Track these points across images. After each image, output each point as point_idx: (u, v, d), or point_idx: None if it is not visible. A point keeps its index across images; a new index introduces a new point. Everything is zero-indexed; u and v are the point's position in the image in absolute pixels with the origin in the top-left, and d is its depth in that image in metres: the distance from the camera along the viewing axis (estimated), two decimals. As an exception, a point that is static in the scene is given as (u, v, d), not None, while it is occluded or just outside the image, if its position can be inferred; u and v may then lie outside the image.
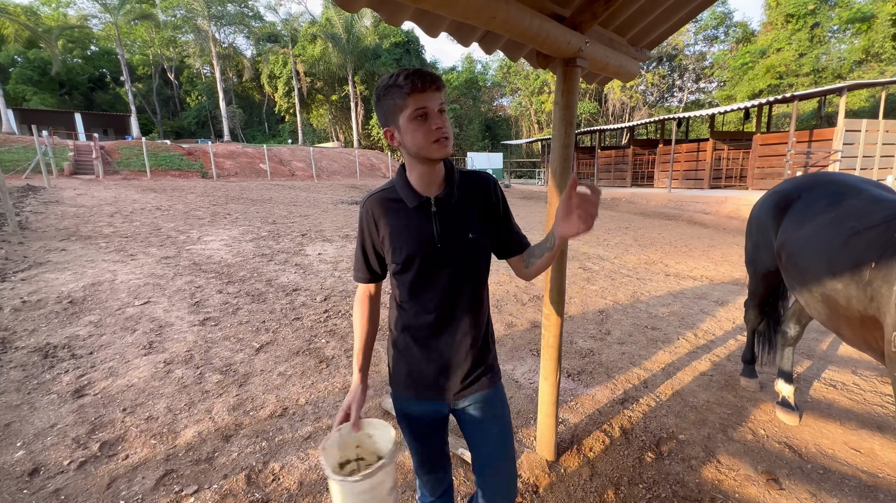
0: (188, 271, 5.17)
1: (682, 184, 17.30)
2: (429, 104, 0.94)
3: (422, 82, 0.93)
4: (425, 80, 0.93)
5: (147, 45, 36.77)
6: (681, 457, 2.12)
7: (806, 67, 20.97)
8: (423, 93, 0.93)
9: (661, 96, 35.08)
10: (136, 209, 9.35)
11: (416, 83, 0.93)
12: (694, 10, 1.93)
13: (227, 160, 21.26)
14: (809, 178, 2.22)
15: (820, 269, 1.76)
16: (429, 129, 0.95)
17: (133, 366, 2.96)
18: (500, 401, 1.19)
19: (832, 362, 3.15)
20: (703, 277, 5.50)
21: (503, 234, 1.15)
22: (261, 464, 2.05)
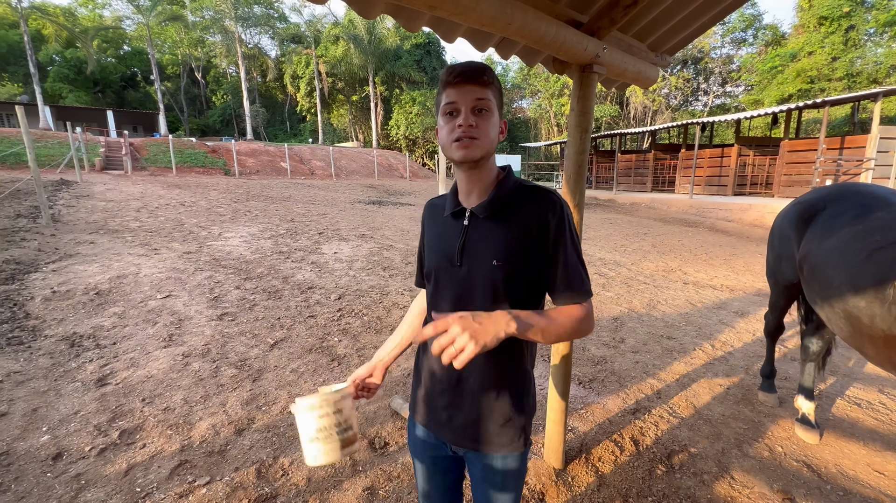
0: (208, 266, 5.31)
1: (705, 190, 16.90)
2: (459, 99, 0.84)
3: (449, 74, 0.84)
4: (457, 73, 0.84)
5: (176, 46, 37.95)
6: (693, 471, 2.07)
7: (839, 72, 20.22)
8: (456, 86, 0.84)
9: (684, 100, 34.33)
10: (161, 205, 9.65)
11: (448, 75, 0.84)
12: (718, 15, 1.90)
13: (250, 158, 21.73)
14: (836, 189, 2.15)
15: (842, 284, 1.70)
16: (453, 126, 0.85)
17: (153, 358, 3.06)
18: (507, 466, 0.97)
19: (857, 379, 3.03)
20: (723, 287, 5.36)
21: (544, 274, 0.90)
22: (271, 458, 2.09)
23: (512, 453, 0.97)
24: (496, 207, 0.91)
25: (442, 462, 1.05)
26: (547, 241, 0.88)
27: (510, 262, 0.88)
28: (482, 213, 0.91)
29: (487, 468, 0.98)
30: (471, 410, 0.95)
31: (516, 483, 1.01)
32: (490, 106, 0.85)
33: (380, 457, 2.13)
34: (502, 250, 0.88)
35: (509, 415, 0.94)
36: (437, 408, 1.00)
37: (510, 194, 0.92)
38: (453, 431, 0.98)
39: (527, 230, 0.88)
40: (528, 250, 0.88)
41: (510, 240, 0.88)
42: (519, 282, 0.89)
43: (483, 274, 0.89)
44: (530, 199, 0.90)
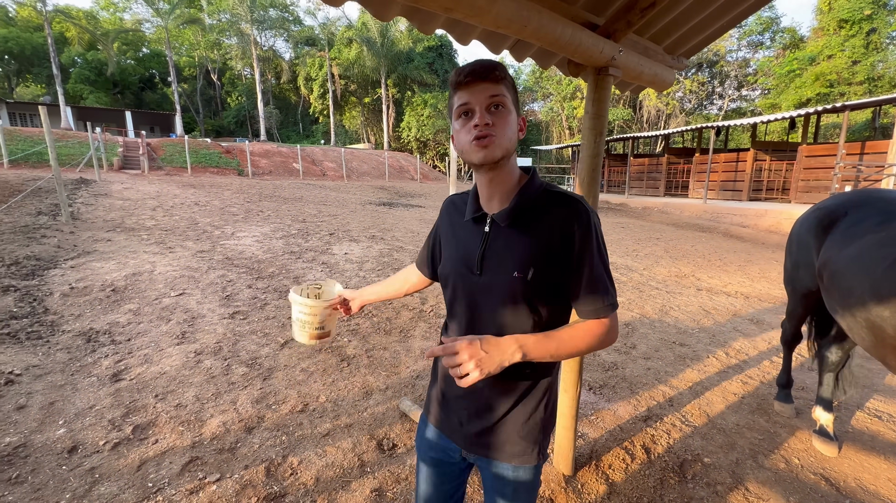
0: (221, 265, 5.38)
1: (719, 195, 16.64)
2: (472, 99, 0.80)
3: (464, 75, 0.80)
4: (467, 72, 0.80)
5: (193, 48, 38.69)
6: (706, 481, 2.03)
7: (860, 76, 19.79)
8: (467, 87, 0.80)
9: (699, 103, 33.90)
10: (176, 204, 9.81)
11: (458, 75, 0.80)
12: (736, 18, 1.87)
13: (263, 159, 22.01)
14: (858, 195, 2.10)
15: (865, 293, 1.65)
16: (469, 127, 0.80)
17: (166, 355, 3.10)
18: (518, 477, 0.93)
19: (878, 391, 2.95)
20: (737, 293, 5.26)
21: (568, 284, 0.85)
22: (280, 457, 2.10)
23: (524, 465, 0.93)
24: (518, 215, 0.86)
25: (446, 467, 1.02)
26: (572, 252, 0.83)
27: (532, 275, 0.83)
28: (504, 220, 0.87)
29: (498, 477, 0.95)
30: (487, 417, 0.92)
31: (528, 496, 0.97)
32: (505, 102, 0.81)
33: (388, 458, 2.13)
34: (524, 262, 0.83)
35: (525, 427, 0.91)
36: (451, 412, 0.98)
37: (534, 200, 0.87)
38: (466, 437, 0.96)
39: (550, 241, 0.83)
40: (551, 262, 0.83)
41: (533, 251, 0.84)
42: (541, 295, 0.85)
43: (503, 285, 0.85)
44: (556, 206, 0.85)
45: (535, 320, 0.87)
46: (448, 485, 1.04)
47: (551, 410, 0.96)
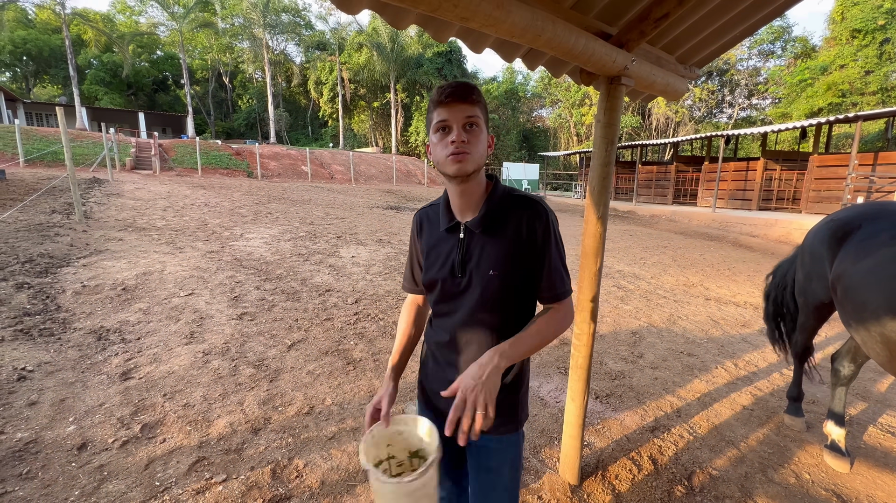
0: (230, 266, 5.43)
1: (728, 204, 16.51)
2: (450, 117, 0.90)
3: (445, 94, 0.89)
4: (447, 92, 0.90)
5: (206, 51, 39.29)
6: (714, 494, 2.01)
7: (873, 86, 19.59)
8: (447, 105, 0.89)
9: (708, 112, 33.73)
10: (186, 204, 9.93)
11: (438, 95, 0.90)
12: (749, 28, 1.86)
13: (272, 161, 22.22)
14: (873, 207, 2.07)
15: (880, 308, 1.63)
16: (446, 142, 0.91)
17: (175, 354, 3.13)
18: (502, 454, 1.06)
19: (891, 406, 2.89)
20: (746, 304, 5.21)
21: (533, 275, 0.99)
22: (286, 459, 2.11)
23: (506, 435, 1.05)
24: (489, 221, 0.98)
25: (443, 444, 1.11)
26: (535, 246, 0.97)
27: (506, 271, 0.97)
28: (477, 227, 0.98)
29: (483, 450, 1.05)
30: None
31: (512, 472, 1.08)
32: (479, 122, 0.92)
33: (393, 463, 2.12)
34: (498, 260, 0.97)
35: (505, 399, 1.00)
36: (436, 401, 1.09)
37: (500, 206, 0.99)
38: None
39: (518, 239, 0.97)
40: (519, 258, 0.97)
41: (505, 251, 0.97)
42: (513, 287, 0.99)
43: (482, 283, 0.98)
44: (519, 209, 0.98)
45: (509, 310, 1.01)
46: (447, 464, 1.16)
47: (526, 381, 1.10)
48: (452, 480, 1.21)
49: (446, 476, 1.21)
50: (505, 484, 1.07)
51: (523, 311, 1.03)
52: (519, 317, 1.03)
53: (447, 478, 1.22)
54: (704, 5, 1.60)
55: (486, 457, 1.06)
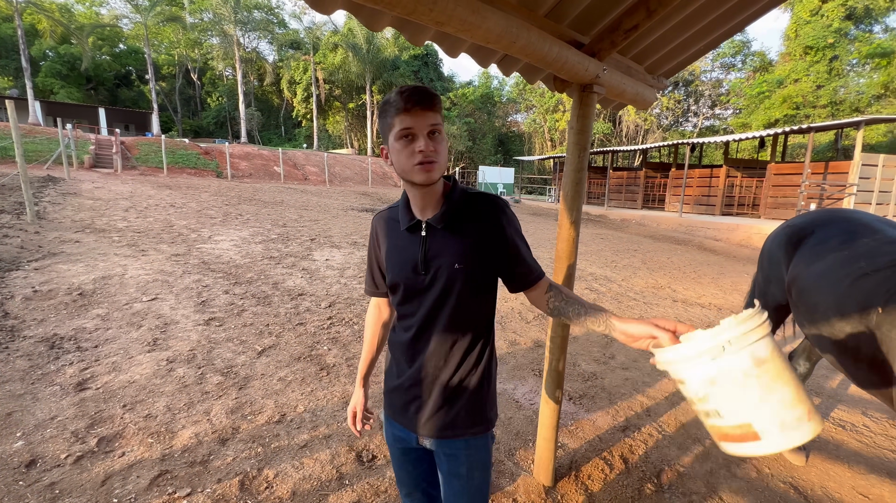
0: (197, 270, 5.23)
1: (694, 209, 17.20)
2: (415, 124, 0.89)
3: (408, 101, 0.88)
4: (412, 100, 0.88)
5: (173, 46, 37.85)
6: (681, 491, 2.07)
7: (823, 99, 20.91)
8: (410, 113, 0.88)
9: (675, 120, 35.11)
10: (150, 205, 9.51)
11: (402, 102, 0.88)
12: (714, 41, 1.95)
13: (243, 161, 21.61)
14: (825, 214, 2.20)
15: (829, 309, 1.73)
16: (412, 150, 0.90)
17: (136, 363, 2.98)
18: (473, 458, 1.06)
19: (842, 401, 3.07)
20: (711, 305, 5.43)
21: (505, 268, 1.03)
22: (255, 470, 2.03)
23: (476, 437, 1.05)
24: (450, 217, 0.99)
25: (411, 453, 1.14)
26: (500, 240, 1.00)
27: (470, 264, 0.98)
28: (438, 223, 0.99)
29: (452, 458, 1.05)
30: (436, 400, 1.03)
31: (482, 474, 1.08)
32: (442, 129, 0.93)
33: (367, 470, 2.09)
34: (462, 254, 0.98)
35: (472, 402, 1.04)
36: (405, 402, 1.07)
37: (459, 203, 1.01)
38: (420, 422, 1.05)
39: (480, 234, 0.99)
40: (483, 251, 0.99)
41: (467, 244, 0.99)
42: (478, 279, 1.00)
43: (447, 277, 0.98)
44: (479, 205, 1.01)
45: (478, 302, 1.02)
46: (419, 468, 1.16)
47: (494, 381, 1.10)
48: (429, 496, 1.20)
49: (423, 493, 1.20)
50: (476, 486, 1.08)
51: (483, 306, 1.05)
52: (479, 311, 1.04)
53: (424, 495, 1.20)
54: (672, 19, 1.66)
55: (455, 463, 1.06)
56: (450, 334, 1.01)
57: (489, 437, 1.09)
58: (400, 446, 1.13)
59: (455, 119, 34.66)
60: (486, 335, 1.06)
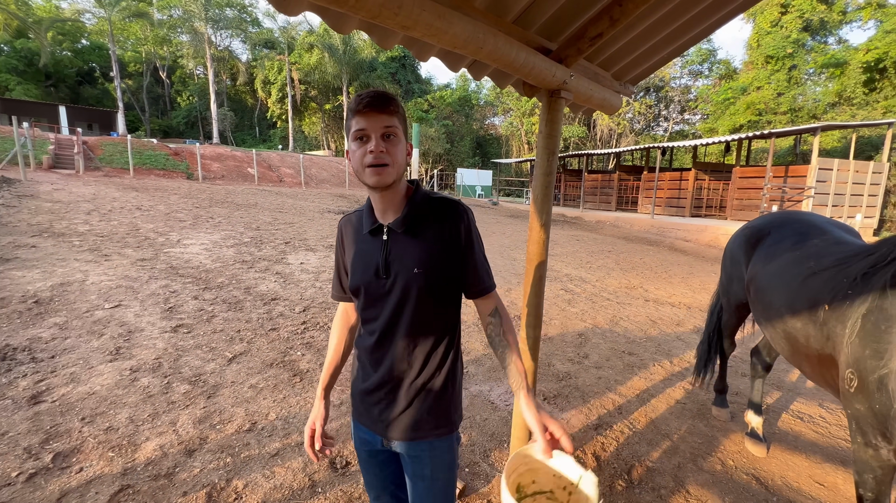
0: (164, 275, 5.04)
1: (665, 210, 17.74)
2: (369, 126, 0.90)
3: (363, 104, 0.90)
4: (365, 102, 0.90)
5: (140, 43, 36.44)
6: (651, 486, 2.12)
7: (783, 106, 21.99)
8: (364, 114, 0.90)
9: (647, 125, 36.19)
10: (115, 208, 9.12)
11: (358, 104, 0.90)
12: (677, 50, 2.02)
13: (215, 162, 21.01)
14: (780, 216, 2.31)
15: (782, 307, 1.82)
16: (364, 151, 0.91)
17: (97, 373, 2.85)
18: (438, 459, 1.06)
19: (800, 394, 3.22)
20: (680, 304, 5.61)
21: (458, 272, 1.03)
22: (224, 481, 1.97)
23: (440, 439, 1.06)
24: (411, 221, 1.00)
25: (378, 455, 1.14)
26: (459, 246, 1.01)
27: (430, 268, 0.99)
28: (399, 227, 1.00)
29: (416, 460, 1.06)
30: (400, 402, 1.04)
31: (447, 475, 1.08)
32: (398, 132, 0.93)
33: (341, 477, 2.06)
34: (422, 259, 0.98)
35: (437, 404, 1.04)
36: (370, 405, 1.08)
37: (421, 207, 1.01)
38: (386, 425, 1.06)
39: (440, 239, 1.00)
40: (443, 256, 1.00)
41: (427, 249, 0.99)
42: (438, 283, 1.00)
43: (407, 281, 0.98)
44: (440, 210, 1.01)
45: (439, 305, 1.02)
46: (386, 471, 1.16)
47: (459, 383, 1.10)
48: (397, 498, 1.19)
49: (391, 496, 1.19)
50: (440, 488, 1.08)
51: (445, 309, 1.05)
52: (441, 314, 1.04)
53: (392, 497, 1.19)
54: (635, 27, 1.71)
55: (419, 465, 1.06)
56: (412, 337, 1.02)
57: (454, 439, 1.10)
58: (367, 449, 1.13)
59: (433, 121, 34.68)
60: (449, 337, 1.07)
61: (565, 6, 1.53)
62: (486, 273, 1.05)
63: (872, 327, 1.36)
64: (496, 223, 14.04)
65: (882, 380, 1.30)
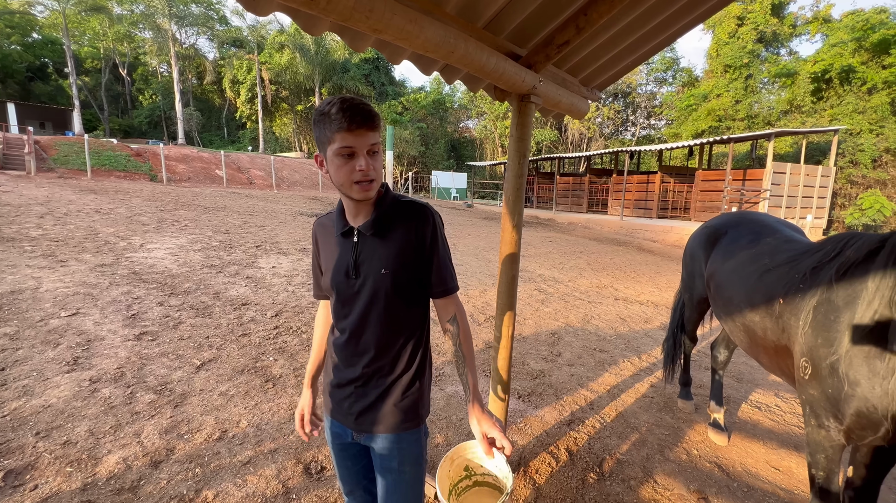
0: (126, 281, 4.83)
1: (633, 212, 18.34)
2: (356, 144, 0.91)
3: (351, 121, 0.89)
4: (355, 120, 0.89)
5: (98, 38, 34.68)
6: (621, 477, 2.20)
7: (741, 113, 23.16)
8: (353, 133, 0.90)
9: (615, 129, 37.35)
10: (71, 211, 8.65)
11: (344, 121, 0.89)
12: (641, 57, 2.11)
13: (180, 164, 20.24)
14: (736, 216, 2.45)
15: (741, 301, 1.93)
16: (352, 168, 0.93)
17: (52, 385, 2.69)
18: (405, 452, 1.10)
19: (758, 385, 3.41)
20: (648, 302, 5.81)
21: (423, 274, 1.07)
22: (193, 492, 1.91)
23: (407, 432, 1.09)
24: (380, 225, 1.04)
25: (349, 449, 1.17)
26: (424, 247, 1.04)
27: (396, 269, 1.03)
28: (368, 230, 1.04)
29: (384, 453, 1.09)
30: (369, 395, 1.08)
31: (415, 469, 1.12)
32: (380, 147, 0.97)
33: (316, 482, 2.03)
34: (389, 260, 1.03)
35: (405, 398, 1.08)
36: (340, 399, 1.11)
37: (390, 211, 1.05)
38: (355, 418, 1.09)
39: (407, 241, 1.03)
40: (409, 258, 1.04)
41: (395, 251, 1.03)
42: (405, 284, 1.05)
43: (375, 282, 1.03)
44: (408, 213, 1.05)
45: (403, 306, 1.06)
46: (358, 464, 1.19)
47: (427, 380, 1.14)
48: (370, 493, 1.21)
49: (364, 491, 1.21)
50: (408, 481, 1.11)
51: (413, 309, 1.09)
52: (409, 314, 1.08)
53: (365, 492, 1.21)
54: (601, 35, 1.79)
55: (387, 458, 1.09)
56: (381, 336, 1.06)
57: (421, 433, 1.13)
58: (338, 442, 1.17)
59: (407, 124, 34.58)
60: (418, 335, 1.11)
61: (533, 14, 1.58)
62: (449, 275, 1.09)
63: (823, 318, 1.47)
64: (471, 225, 14.14)
65: (833, 365, 1.40)
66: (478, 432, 1.04)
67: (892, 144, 15.32)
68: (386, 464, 1.10)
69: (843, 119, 17.27)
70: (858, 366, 1.32)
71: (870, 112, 16.62)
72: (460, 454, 1.15)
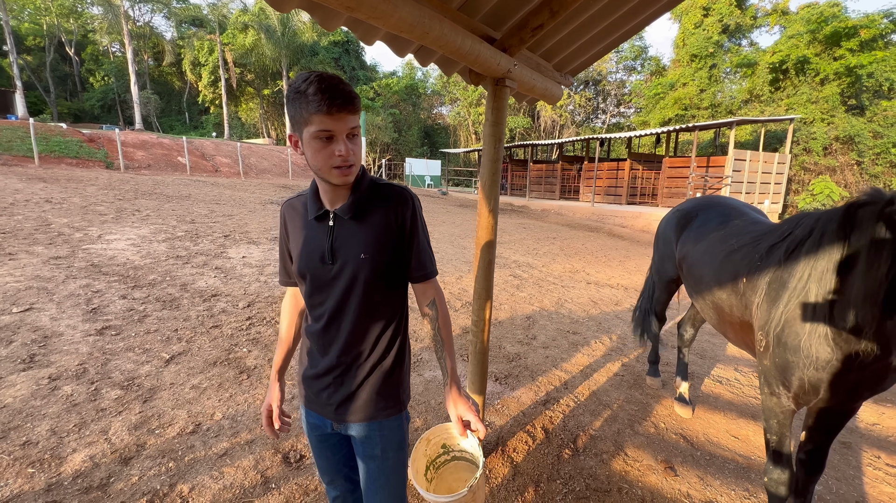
0: (84, 274, 4.58)
1: (604, 198, 18.78)
2: (335, 128, 0.87)
3: (330, 104, 0.84)
4: (335, 103, 0.84)
5: (40, 14, 32.06)
6: (594, 451, 2.30)
7: (705, 102, 23.95)
8: (331, 115, 0.85)
9: (587, 117, 37.91)
10: (18, 200, 8.08)
11: (323, 104, 0.84)
12: (613, 43, 2.14)
13: (139, 150, 19.18)
14: (706, 200, 2.55)
15: (710, 280, 2.03)
16: (331, 153, 0.89)
17: (7, 384, 2.55)
18: (387, 439, 1.09)
19: (719, 361, 3.61)
20: (618, 285, 6.01)
21: (402, 258, 1.05)
22: (166, 486, 1.87)
23: (389, 419, 1.08)
24: (357, 208, 1.00)
25: (328, 439, 1.14)
26: (404, 231, 1.02)
27: (376, 253, 1.00)
28: (346, 214, 1.00)
29: (367, 440, 1.08)
30: (348, 385, 1.05)
31: (397, 454, 1.11)
32: (359, 130, 0.93)
33: (295, 471, 2.02)
34: (368, 244, 0.99)
35: (385, 385, 1.07)
36: (318, 390, 1.08)
37: (367, 194, 1.02)
38: (334, 408, 1.07)
39: (386, 224, 1.00)
40: (389, 242, 1.01)
41: (374, 235, 1.00)
42: (384, 268, 1.02)
43: (354, 267, 0.99)
44: (387, 196, 1.02)
45: (382, 291, 1.03)
46: (338, 454, 1.17)
47: (407, 364, 1.13)
48: (350, 480, 1.22)
49: (345, 479, 1.21)
50: (391, 467, 1.10)
51: (392, 294, 1.07)
52: (388, 299, 1.06)
53: (346, 480, 1.21)
54: (574, 20, 1.80)
55: (369, 445, 1.08)
56: (360, 322, 1.03)
57: (403, 418, 1.12)
58: (317, 434, 1.14)
59: (380, 110, 33.90)
60: (397, 320, 1.09)
61: (508, -4, 1.57)
62: (429, 259, 1.08)
63: (774, 293, 1.56)
64: (446, 213, 14.13)
65: (779, 337, 1.50)
66: (454, 414, 1.04)
67: (842, 133, 16.24)
68: (369, 451, 1.08)
69: (798, 108, 18.14)
70: (794, 336, 1.43)
71: (822, 102, 17.51)
72: (437, 434, 1.17)
